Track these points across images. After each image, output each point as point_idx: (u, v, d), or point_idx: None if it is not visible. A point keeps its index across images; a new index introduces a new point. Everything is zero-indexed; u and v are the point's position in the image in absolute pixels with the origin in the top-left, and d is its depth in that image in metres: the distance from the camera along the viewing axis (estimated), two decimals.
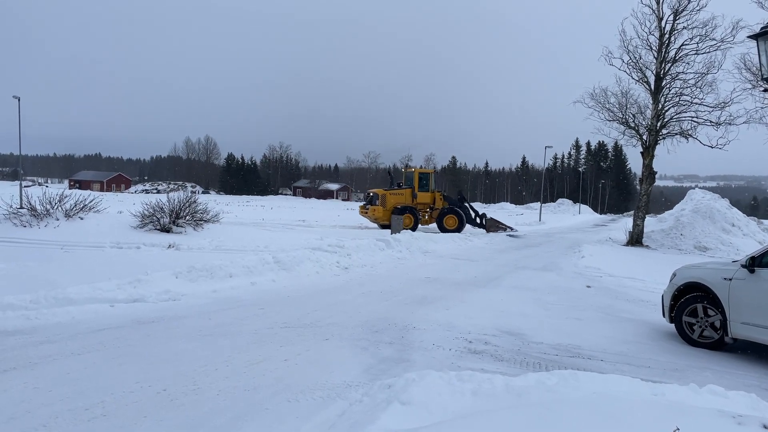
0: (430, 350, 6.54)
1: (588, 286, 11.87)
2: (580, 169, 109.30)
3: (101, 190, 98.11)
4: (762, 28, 3.02)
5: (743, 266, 6.77)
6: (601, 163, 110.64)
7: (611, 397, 3.70)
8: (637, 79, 24.34)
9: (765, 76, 2.99)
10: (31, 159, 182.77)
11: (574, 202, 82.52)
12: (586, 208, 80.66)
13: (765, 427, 3.40)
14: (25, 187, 42.94)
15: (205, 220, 17.88)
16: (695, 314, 7.31)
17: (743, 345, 7.31)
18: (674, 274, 7.89)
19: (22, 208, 17.58)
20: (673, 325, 7.65)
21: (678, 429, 2.65)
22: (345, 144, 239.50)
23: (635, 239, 24.71)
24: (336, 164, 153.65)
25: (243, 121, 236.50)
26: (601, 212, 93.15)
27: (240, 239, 15.96)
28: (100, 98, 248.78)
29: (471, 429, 3.21)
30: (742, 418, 3.43)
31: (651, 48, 23.86)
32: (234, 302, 8.74)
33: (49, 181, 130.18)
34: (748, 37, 4.21)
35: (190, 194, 18.67)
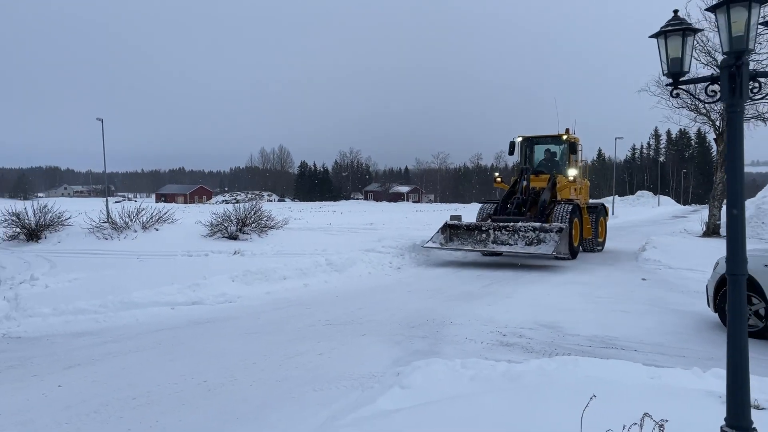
0: (462, 343, 6.74)
1: (643, 279, 11.62)
2: (659, 159, 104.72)
3: (185, 202, 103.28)
4: None
5: None
6: (684, 152, 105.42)
7: (602, 380, 3.82)
8: (705, 63, 23.31)
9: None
10: (121, 176, 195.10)
11: (654, 194, 79.21)
12: (666, 200, 77.28)
13: (753, 406, 3.43)
14: (116, 202, 46.14)
15: (269, 227, 18.69)
16: None
17: None
18: (717, 263, 7.70)
19: (106, 222, 19.04)
20: (717, 314, 7.48)
21: (594, 396, 2.77)
22: (414, 145, 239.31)
23: (711, 230, 23.63)
24: (406, 166, 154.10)
25: (314, 129, 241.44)
26: (684, 203, 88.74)
27: (301, 243, 16.57)
28: (183, 114, 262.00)
29: (454, 408, 3.44)
30: None
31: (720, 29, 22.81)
32: (284, 303, 9.25)
33: (138, 196, 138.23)
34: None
35: (255, 203, 19.55)
